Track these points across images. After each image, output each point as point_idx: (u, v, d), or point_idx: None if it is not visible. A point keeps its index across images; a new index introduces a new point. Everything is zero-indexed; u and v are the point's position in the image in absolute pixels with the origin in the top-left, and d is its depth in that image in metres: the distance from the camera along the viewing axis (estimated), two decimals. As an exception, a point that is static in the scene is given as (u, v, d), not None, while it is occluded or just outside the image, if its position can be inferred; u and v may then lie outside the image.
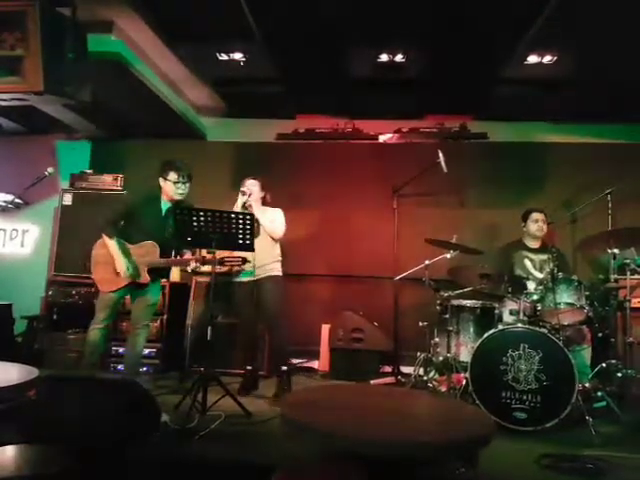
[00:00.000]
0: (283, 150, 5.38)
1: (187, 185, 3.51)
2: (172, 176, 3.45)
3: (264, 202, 3.91)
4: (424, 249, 4.13)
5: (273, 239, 3.81)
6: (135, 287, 3.48)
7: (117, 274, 3.39)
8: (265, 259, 3.76)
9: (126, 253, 3.42)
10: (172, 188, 3.47)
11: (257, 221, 3.70)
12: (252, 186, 3.81)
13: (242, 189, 3.75)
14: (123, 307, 3.73)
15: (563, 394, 2.92)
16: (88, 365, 3.45)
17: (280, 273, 3.87)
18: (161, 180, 3.50)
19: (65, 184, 5.07)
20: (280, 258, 3.90)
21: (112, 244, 3.40)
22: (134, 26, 3.80)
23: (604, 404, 3.24)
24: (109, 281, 3.43)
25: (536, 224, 4.09)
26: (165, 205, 3.54)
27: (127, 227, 3.50)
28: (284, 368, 3.77)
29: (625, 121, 4.99)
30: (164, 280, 4.51)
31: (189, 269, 3.54)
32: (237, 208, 3.66)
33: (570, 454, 2.58)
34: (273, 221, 3.80)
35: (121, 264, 3.37)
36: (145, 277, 3.42)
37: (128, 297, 3.61)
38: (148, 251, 3.45)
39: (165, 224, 3.46)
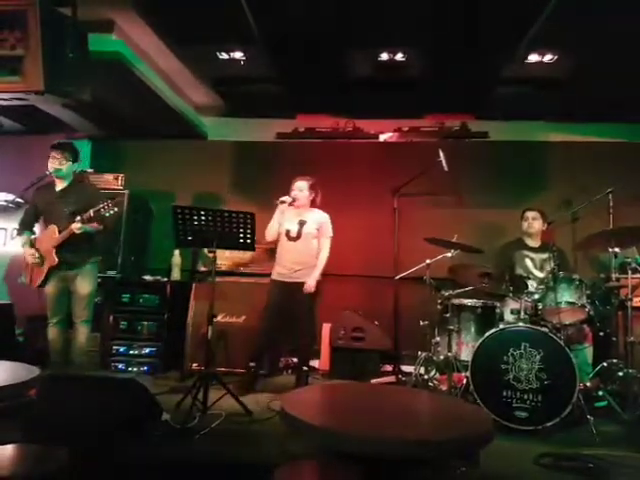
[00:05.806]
0: (283, 149, 5.38)
1: (60, 161, 3.59)
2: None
3: (313, 204, 3.91)
4: (425, 248, 4.11)
5: (312, 243, 3.85)
6: (58, 274, 3.55)
7: (38, 268, 3.56)
8: (304, 262, 3.80)
9: (31, 244, 3.61)
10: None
11: (301, 223, 3.80)
12: (299, 190, 3.82)
13: (282, 199, 3.75)
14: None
15: (564, 393, 2.91)
16: (55, 365, 3.52)
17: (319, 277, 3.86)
18: None
19: (66, 183, 5.05)
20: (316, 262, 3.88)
21: (20, 240, 3.67)
22: (135, 26, 3.80)
23: (605, 403, 3.25)
24: (36, 277, 3.58)
25: (526, 222, 4.14)
26: (59, 186, 3.68)
27: (39, 221, 3.74)
28: (305, 368, 3.90)
29: (626, 120, 4.98)
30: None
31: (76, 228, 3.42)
32: (276, 216, 3.79)
33: (571, 453, 2.58)
34: (320, 230, 3.86)
35: (27, 255, 3.57)
36: (53, 259, 3.50)
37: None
38: (50, 234, 3.57)
39: (61, 204, 3.57)
